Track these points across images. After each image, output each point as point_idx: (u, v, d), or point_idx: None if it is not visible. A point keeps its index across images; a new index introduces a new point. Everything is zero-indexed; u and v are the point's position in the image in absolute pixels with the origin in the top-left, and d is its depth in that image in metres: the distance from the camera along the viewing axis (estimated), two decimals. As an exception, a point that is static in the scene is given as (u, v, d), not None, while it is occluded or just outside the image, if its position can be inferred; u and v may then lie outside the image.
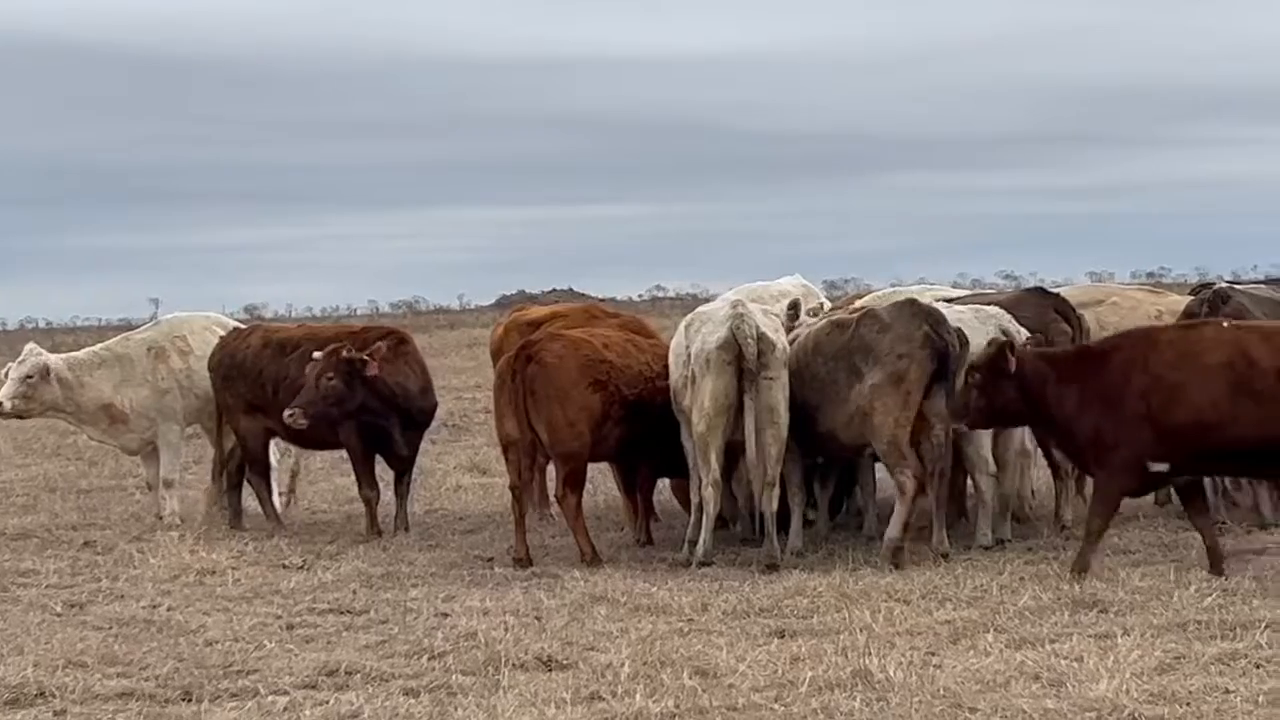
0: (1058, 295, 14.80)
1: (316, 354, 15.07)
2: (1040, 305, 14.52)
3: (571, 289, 62.84)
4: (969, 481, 14.31)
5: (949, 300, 15.00)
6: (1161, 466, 12.19)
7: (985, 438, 13.71)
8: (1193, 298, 14.88)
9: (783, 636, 10.73)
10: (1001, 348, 12.54)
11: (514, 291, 69.64)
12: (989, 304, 14.55)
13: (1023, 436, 14.13)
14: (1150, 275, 66.21)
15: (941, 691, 9.23)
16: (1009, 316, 13.95)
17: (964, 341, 13.22)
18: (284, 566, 13.77)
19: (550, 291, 62.09)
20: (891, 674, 9.52)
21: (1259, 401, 11.89)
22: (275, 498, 16.34)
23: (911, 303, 13.59)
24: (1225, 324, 12.51)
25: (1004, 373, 12.43)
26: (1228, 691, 9.10)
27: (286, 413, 14.81)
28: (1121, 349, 12.39)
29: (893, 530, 13.18)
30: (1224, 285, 14.94)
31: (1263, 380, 11.91)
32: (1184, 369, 12.04)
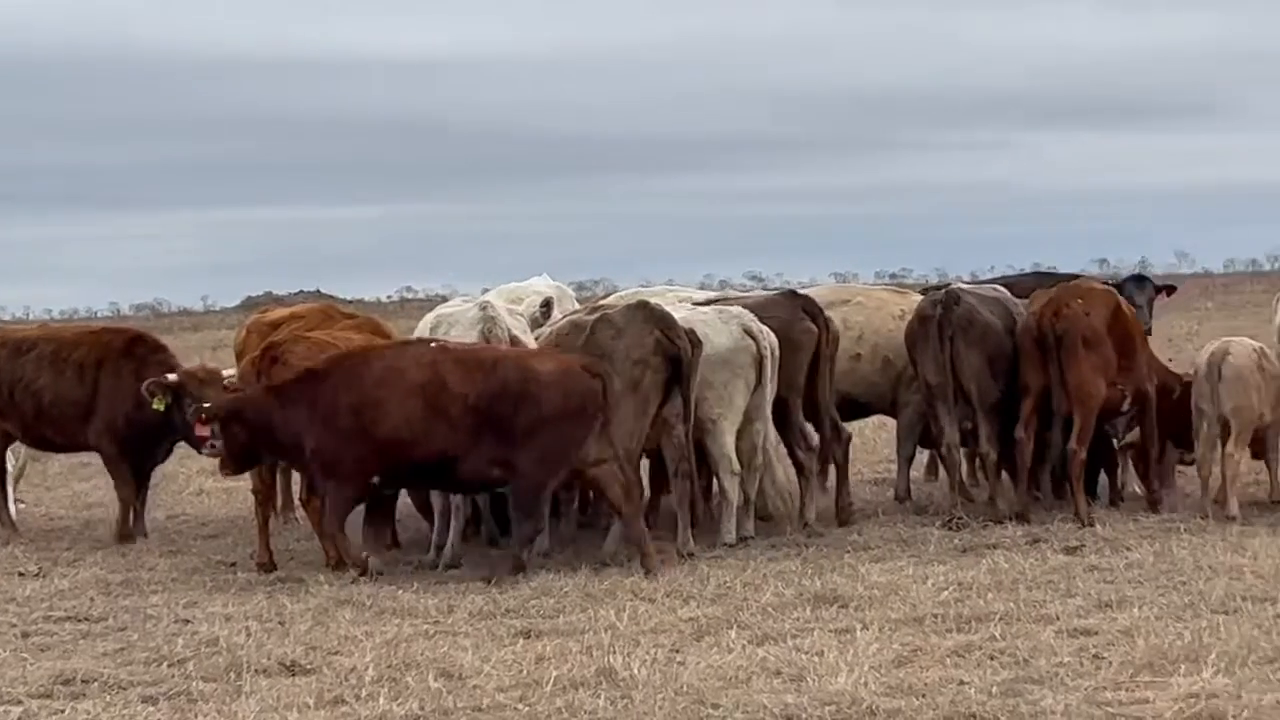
0: (806, 296, 14.98)
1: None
2: (789, 306, 14.70)
3: (319, 290, 62.33)
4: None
5: (700, 302, 15.12)
6: (375, 479, 12.92)
7: (728, 436, 13.84)
8: (924, 297, 15.16)
9: (528, 637, 10.73)
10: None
11: (260, 293, 68.92)
12: (745, 304, 14.64)
13: (766, 434, 14.31)
14: (893, 276, 67.58)
15: (684, 688, 9.30)
16: (752, 316, 14.11)
17: (696, 343, 13.40)
18: (20, 574, 13.46)
19: (298, 293, 61.49)
20: (636, 672, 9.58)
21: (447, 420, 12.64)
22: (12, 504, 15.95)
23: (643, 306, 13.70)
24: (433, 344, 13.18)
25: (234, 415, 12.94)
26: (962, 683, 9.26)
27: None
28: (338, 369, 12.97)
29: (610, 544, 13.41)
30: (955, 286, 15.19)
31: (450, 400, 12.64)
32: (388, 387, 12.67)
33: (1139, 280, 16.65)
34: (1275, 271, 73.53)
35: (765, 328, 14.05)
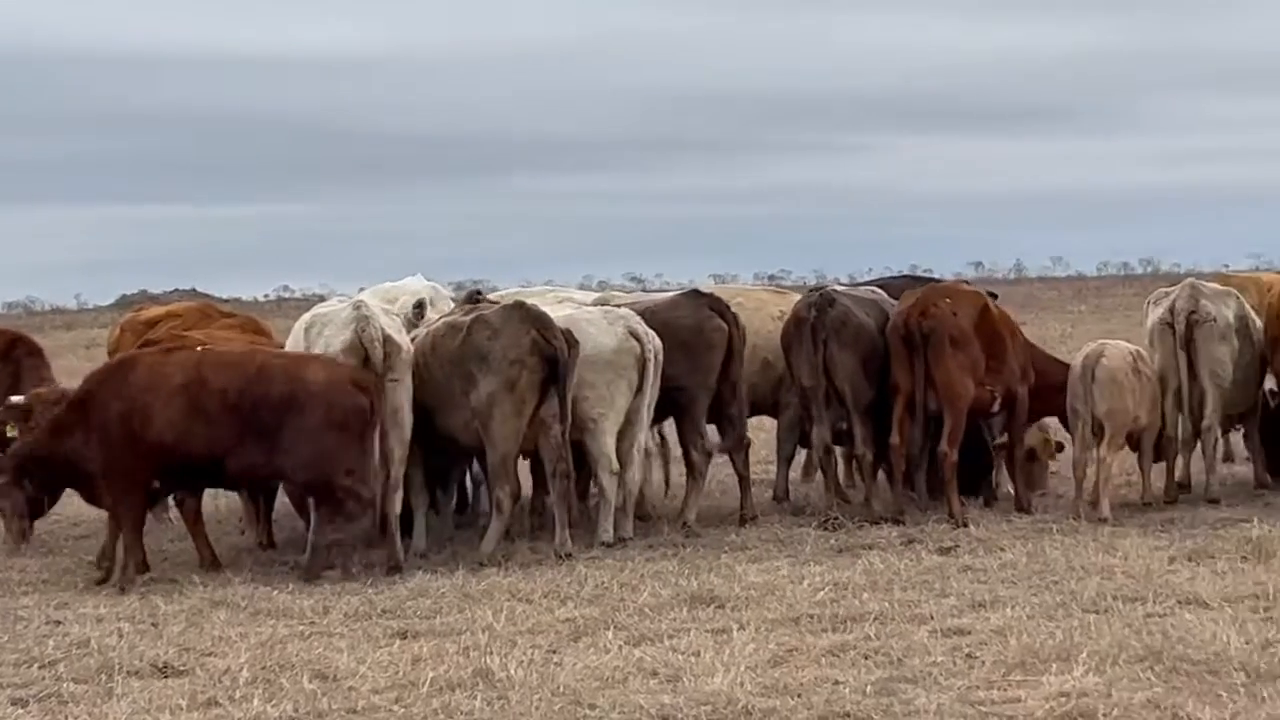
0: (711, 295, 15.01)
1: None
2: (697, 305, 14.73)
3: (195, 289, 61.75)
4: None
5: (599, 303, 15.10)
6: (155, 484, 13.05)
7: (609, 436, 13.85)
8: (800, 299, 15.16)
9: (405, 638, 10.69)
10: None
11: (135, 291, 68.20)
12: (648, 306, 14.76)
13: (646, 436, 14.29)
14: (771, 277, 67.51)
15: (561, 689, 9.30)
16: (638, 318, 14.14)
17: (572, 343, 13.44)
18: (-114, 576, 13.24)
19: (173, 292, 60.88)
20: (512, 672, 9.57)
21: (208, 420, 12.75)
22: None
23: (519, 307, 13.70)
24: (199, 349, 13.33)
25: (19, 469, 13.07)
26: (837, 682, 9.29)
27: None
28: (110, 378, 13.14)
29: (487, 544, 13.39)
30: (830, 288, 15.23)
31: (210, 400, 12.76)
32: (154, 392, 12.79)
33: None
34: (1148, 275, 74.28)
35: (650, 331, 14.08)
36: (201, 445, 12.70)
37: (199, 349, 13.24)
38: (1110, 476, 14.49)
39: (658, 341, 14.07)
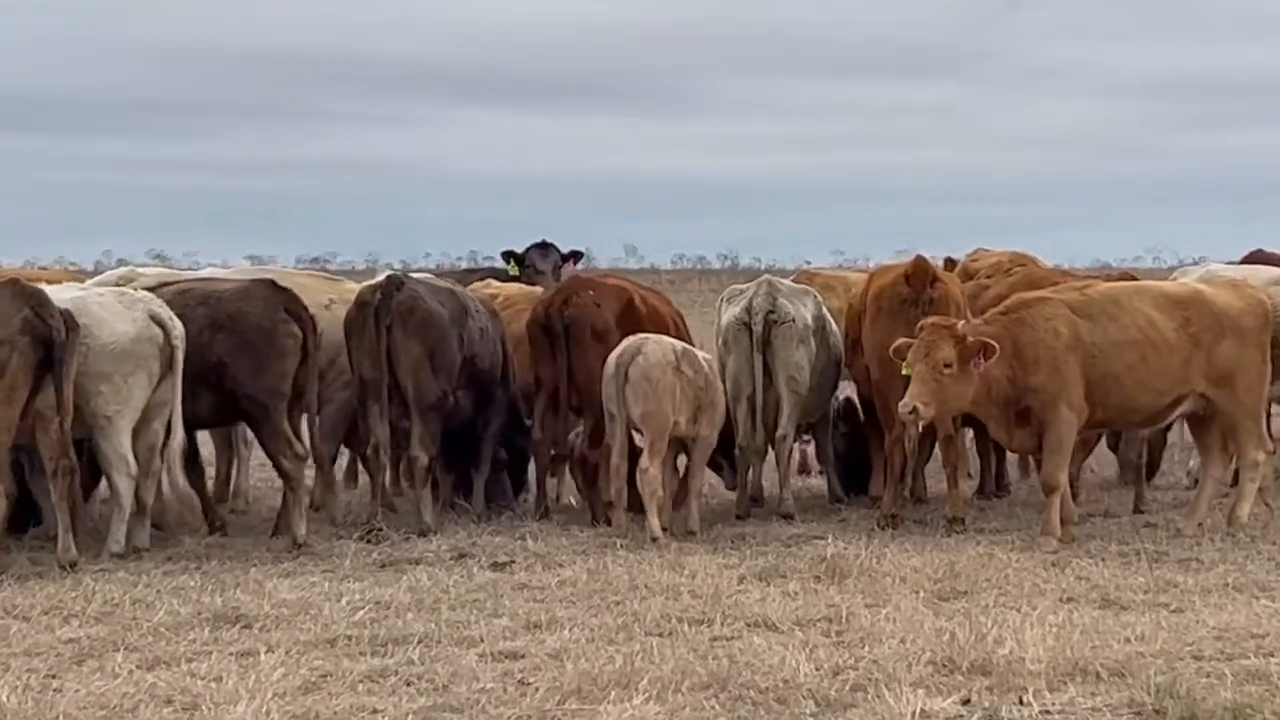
0: (288, 291, 13.99)
1: None
2: (270, 303, 13.71)
3: None
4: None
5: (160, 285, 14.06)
6: None
7: (124, 435, 13.00)
8: (365, 284, 14.55)
9: (-122, 659, 9.90)
10: None
11: None
12: (213, 292, 13.81)
13: (176, 435, 13.18)
14: (317, 260, 65.69)
15: (61, 717, 8.70)
16: (161, 302, 13.29)
17: (72, 326, 12.59)
18: None
19: None
20: (4, 700, 8.93)
21: None
22: None
23: (13, 284, 12.85)
24: None
25: None
26: (375, 711, 8.87)
27: None
28: None
29: None
30: (398, 273, 14.70)
31: None
32: None
33: (543, 247, 17.26)
34: (725, 270, 74.84)
35: (175, 316, 13.19)
36: None
37: None
38: (656, 491, 13.74)
39: (181, 328, 13.15)
